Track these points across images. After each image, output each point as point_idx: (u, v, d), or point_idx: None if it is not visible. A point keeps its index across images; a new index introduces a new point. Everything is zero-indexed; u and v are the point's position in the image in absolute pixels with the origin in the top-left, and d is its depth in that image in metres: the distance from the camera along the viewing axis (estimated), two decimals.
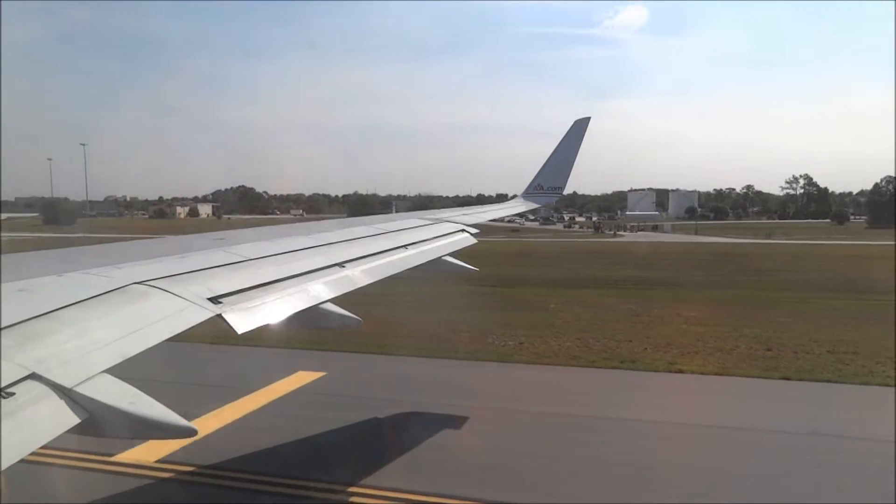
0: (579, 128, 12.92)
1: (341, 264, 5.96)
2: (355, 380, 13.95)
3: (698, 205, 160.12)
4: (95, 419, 3.12)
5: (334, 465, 9.43)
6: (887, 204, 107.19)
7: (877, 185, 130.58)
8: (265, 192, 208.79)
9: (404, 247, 7.18)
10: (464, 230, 9.23)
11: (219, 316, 4.08)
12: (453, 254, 8.71)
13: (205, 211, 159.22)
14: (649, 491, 8.52)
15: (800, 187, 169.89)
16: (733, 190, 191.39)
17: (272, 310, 4.55)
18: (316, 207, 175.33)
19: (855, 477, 8.89)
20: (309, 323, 5.91)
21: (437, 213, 10.65)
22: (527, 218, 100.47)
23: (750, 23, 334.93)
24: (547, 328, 18.70)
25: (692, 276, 33.68)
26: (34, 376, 2.50)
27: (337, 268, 5.87)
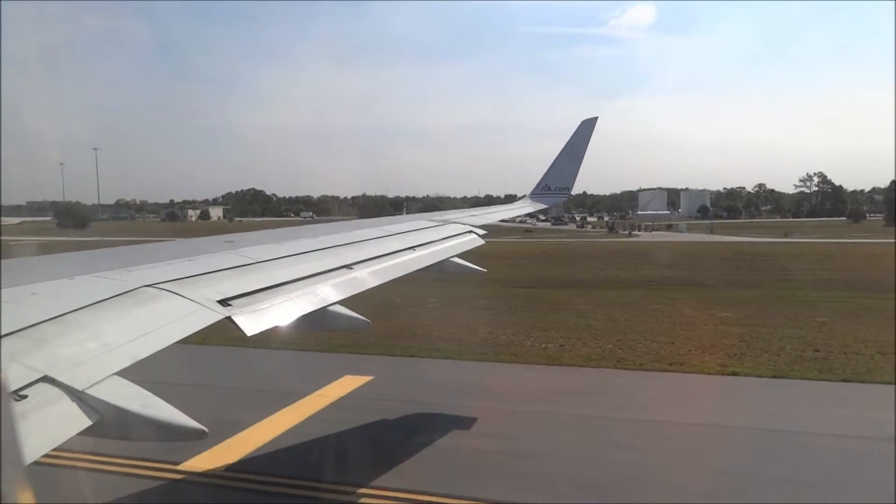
0: (587, 128, 12.89)
1: (349, 266, 6.00)
2: (405, 384, 13.57)
3: (710, 204, 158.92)
4: (107, 421, 3.17)
5: (423, 474, 8.92)
6: None
7: (894, 182, 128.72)
8: (274, 194, 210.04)
9: (412, 248, 7.20)
10: (472, 231, 9.24)
11: (228, 318, 4.11)
12: (462, 255, 8.73)
13: (216, 213, 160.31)
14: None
15: (814, 185, 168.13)
16: (743, 188, 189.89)
17: (281, 312, 4.57)
18: (326, 209, 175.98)
19: None
20: (317, 325, 5.93)
21: (444, 214, 10.67)
22: (538, 218, 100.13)
23: (758, 20, 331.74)
24: (582, 330, 18.41)
25: (716, 275, 32.89)
26: (46, 379, 2.54)
27: (345, 270, 5.90)
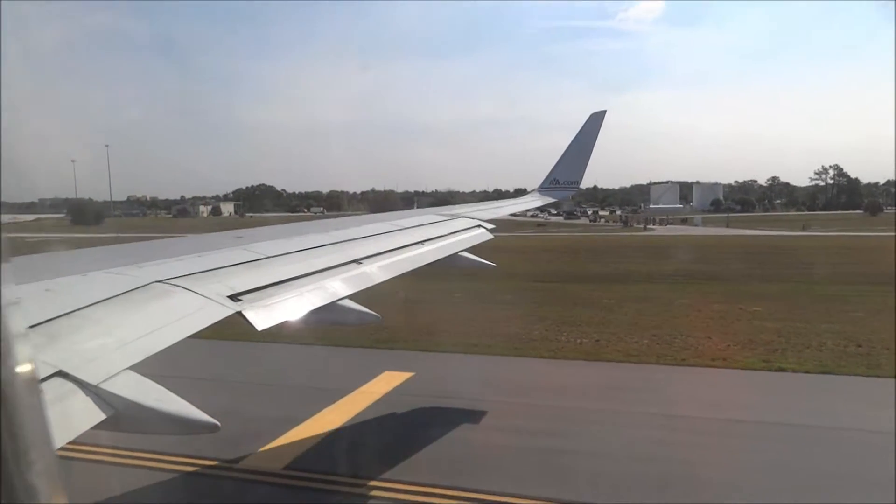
0: (595, 121, 12.82)
1: (358, 261, 6.02)
2: (447, 380, 13.28)
3: (723, 197, 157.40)
4: (121, 415, 3.21)
5: (495, 475, 8.63)
6: None
7: None
8: (283, 190, 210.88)
9: (421, 243, 7.22)
10: (480, 226, 9.25)
11: (238, 313, 4.15)
12: (472, 249, 8.74)
13: (227, 209, 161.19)
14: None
15: (829, 178, 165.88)
16: (755, 182, 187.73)
17: (291, 306, 4.61)
18: (336, 204, 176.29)
19: None
20: (327, 319, 5.98)
21: (452, 208, 10.68)
22: (549, 213, 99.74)
23: (768, 12, 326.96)
24: (614, 325, 18.14)
25: (739, 269, 32.16)
26: (60, 374, 2.58)
27: (354, 264, 5.93)
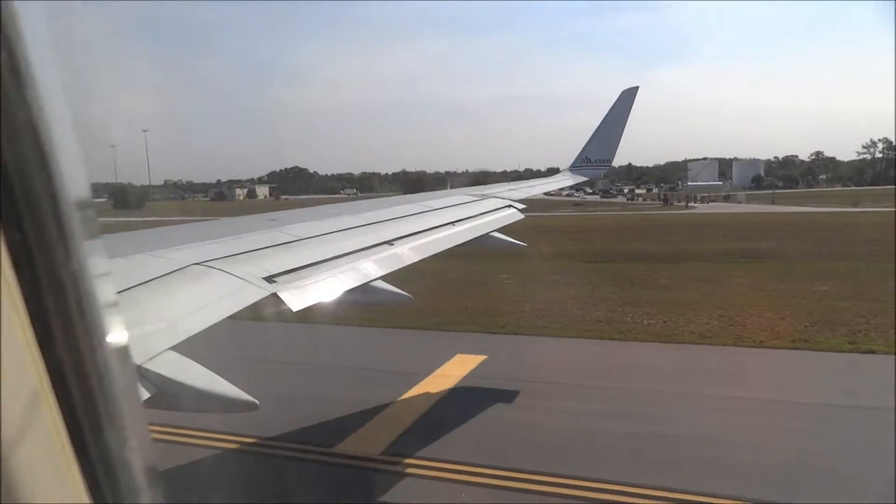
0: (627, 98, 12.50)
1: (390, 242, 6.06)
2: (523, 362, 12.90)
3: (764, 173, 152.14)
4: (163, 394, 3.33)
5: (596, 461, 8.23)
6: None
7: None
8: (316, 172, 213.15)
9: (451, 223, 7.21)
10: (511, 206, 9.17)
11: (274, 295, 4.24)
12: (508, 229, 8.69)
13: (262, 192, 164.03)
14: None
15: (878, 152, 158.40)
16: (796, 157, 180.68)
17: (325, 288, 4.68)
18: (368, 186, 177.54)
19: None
20: (360, 300, 6.07)
21: (483, 188, 10.61)
22: (585, 191, 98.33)
23: None
24: (677, 305, 17.50)
25: (795, 247, 30.70)
26: None
27: (386, 245, 5.97)
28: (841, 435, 9.14)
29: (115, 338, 0.82)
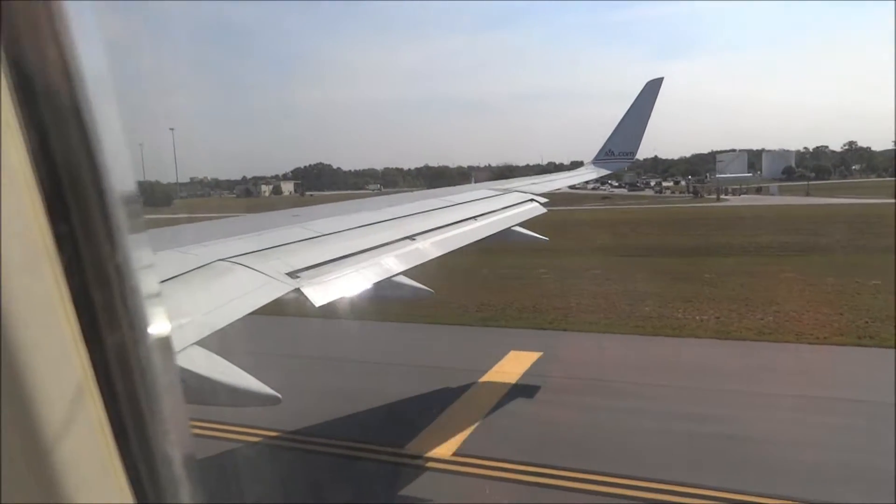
0: (652, 90, 12.28)
1: (412, 237, 6.07)
2: (580, 360, 12.34)
3: (795, 165, 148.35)
4: (188, 388, 3.38)
5: (677, 463, 7.81)
6: None
7: None
8: (339, 167, 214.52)
9: (473, 218, 7.19)
10: (533, 200, 9.10)
11: (297, 290, 4.28)
12: (535, 221, 8.63)
13: (287, 189, 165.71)
14: None
15: None
16: (826, 147, 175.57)
17: (347, 283, 4.71)
18: (392, 181, 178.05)
19: None
20: (382, 295, 6.09)
21: (506, 183, 10.55)
22: (611, 185, 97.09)
23: None
24: (728, 300, 17.00)
25: (838, 240, 29.58)
26: None
27: (408, 241, 5.98)
28: None
29: (159, 333, 0.83)
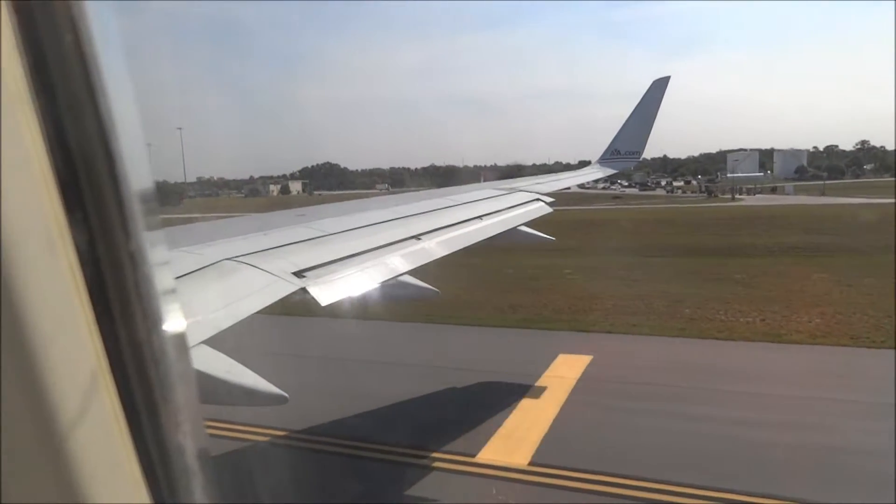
0: (658, 88, 12.20)
1: (418, 236, 6.09)
2: (634, 364, 11.89)
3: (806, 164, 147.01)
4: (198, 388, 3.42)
5: (773, 475, 7.39)
6: None
7: None
8: (346, 167, 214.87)
9: (479, 217, 7.20)
10: (538, 199, 9.10)
11: (303, 289, 4.31)
12: (529, 223, 8.63)
13: (295, 188, 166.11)
14: None
15: None
16: (836, 146, 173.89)
17: (353, 282, 4.74)
18: (399, 181, 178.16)
19: None
20: (388, 294, 6.12)
21: (511, 182, 10.54)
22: (621, 184, 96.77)
23: None
24: (767, 302, 16.49)
25: (867, 240, 28.58)
26: None
27: (413, 240, 6.00)
28: None
29: (173, 323, 0.84)
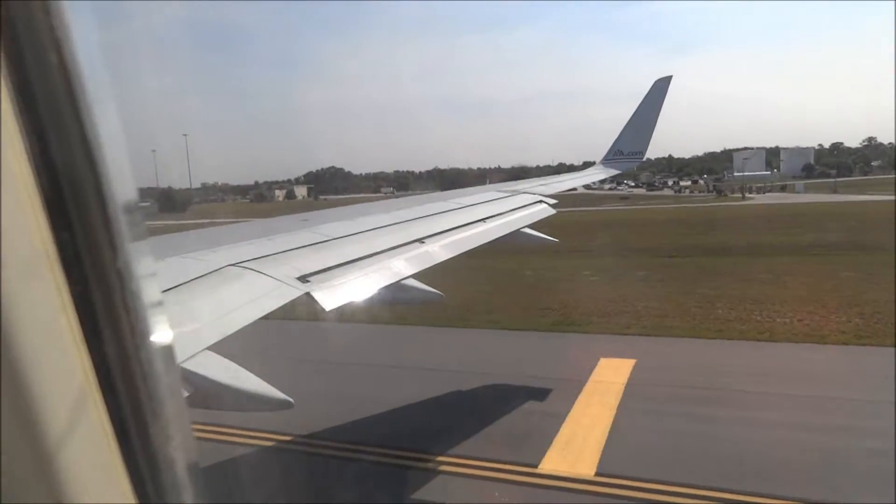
0: (660, 88, 12.15)
1: (421, 240, 6.09)
2: (683, 367, 11.55)
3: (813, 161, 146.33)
4: (201, 393, 3.43)
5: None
6: None
7: None
8: (350, 171, 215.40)
9: (482, 220, 7.20)
10: (541, 201, 9.09)
11: (307, 294, 4.32)
12: (532, 225, 8.62)
13: (300, 192, 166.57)
14: None
15: None
16: (840, 143, 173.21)
17: (357, 287, 4.75)
18: (404, 184, 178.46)
19: None
20: (392, 298, 6.13)
21: (514, 184, 10.54)
22: (628, 185, 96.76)
23: None
24: (799, 301, 16.17)
25: (886, 238, 29.52)
26: None
27: (417, 244, 6.00)
28: None
29: (160, 337, 0.84)
